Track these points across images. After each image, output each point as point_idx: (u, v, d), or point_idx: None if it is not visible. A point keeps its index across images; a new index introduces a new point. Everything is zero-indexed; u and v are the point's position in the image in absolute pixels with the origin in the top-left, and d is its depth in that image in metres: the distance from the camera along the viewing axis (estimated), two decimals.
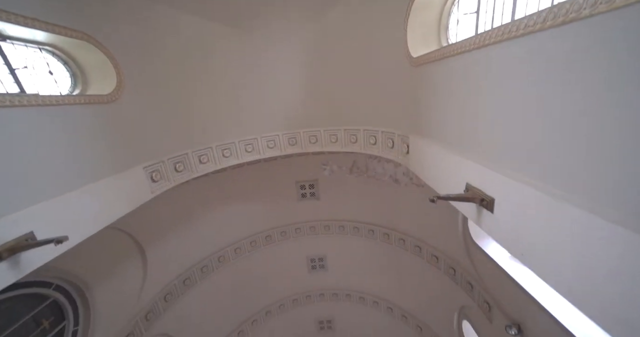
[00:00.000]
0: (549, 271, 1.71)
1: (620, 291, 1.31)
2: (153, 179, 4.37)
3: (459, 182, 2.69)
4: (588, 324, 3.55)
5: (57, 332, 4.42)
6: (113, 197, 3.45)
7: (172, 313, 6.76)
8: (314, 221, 9.25)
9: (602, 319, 1.40)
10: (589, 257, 1.43)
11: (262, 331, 9.58)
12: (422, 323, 8.42)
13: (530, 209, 1.80)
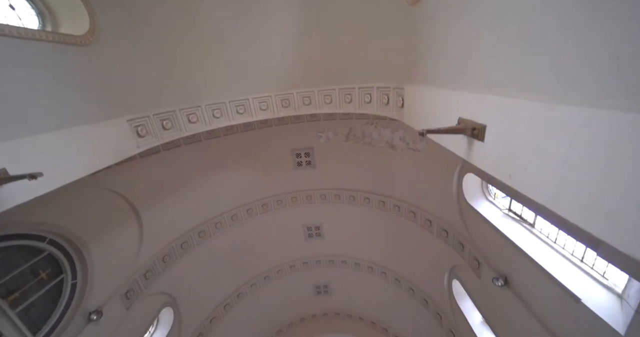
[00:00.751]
0: (534, 185, 1.65)
1: (606, 187, 1.24)
2: (139, 133, 4.25)
3: (452, 119, 2.58)
4: (569, 270, 3.63)
5: (56, 284, 4.54)
6: (95, 146, 3.35)
7: (171, 274, 6.97)
8: (310, 190, 9.28)
9: (585, 221, 1.35)
10: (575, 161, 1.36)
11: (261, 293, 9.99)
12: (414, 285, 8.75)
13: (520, 124, 1.71)
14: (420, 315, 8.74)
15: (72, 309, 4.61)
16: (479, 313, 6.37)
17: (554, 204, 1.49)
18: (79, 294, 4.74)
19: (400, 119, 4.62)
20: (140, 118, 4.31)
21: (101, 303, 5.00)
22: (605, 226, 1.26)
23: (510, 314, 4.65)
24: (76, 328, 4.55)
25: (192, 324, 7.71)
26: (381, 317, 10.77)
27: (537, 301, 4.03)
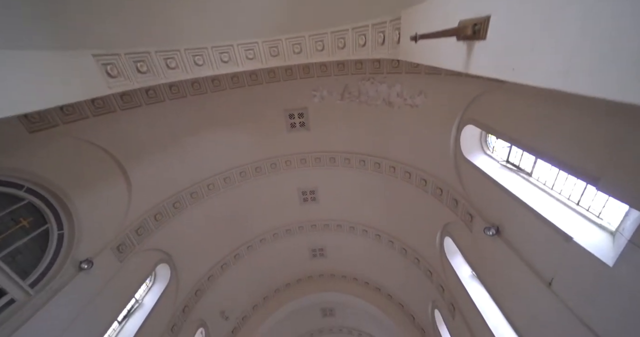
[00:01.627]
0: (541, 67, 1.38)
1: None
2: (109, 73, 3.88)
3: (452, 25, 2.23)
4: (563, 213, 3.53)
5: (42, 234, 4.48)
6: (56, 76, 3.03)
7: (165, 232, 6.99)
8: (304, 153, 9.04)
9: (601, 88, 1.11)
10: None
11: (257, 255, 10.24)
12: (407, 245, 8.91)
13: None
14: (412, 273, 9.02)
15: (62, 258, 4.60)
16: (468, 267, 6.51)
17: (566, 80, 1.24)
18: (67, 244, 4.71)
19: (396, 57, 4.22)
20: (109, 55, 3.90)
21: (92, 254, 5.01)
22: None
23: (500, 264, 4.68)
24: (67, 276, 4.59)
25: (190, 281, 7.94)
26: (374, 277, 11.18)
27: (528, 246, 4.00)
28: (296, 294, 11.62)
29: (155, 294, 6.76)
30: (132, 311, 6.30)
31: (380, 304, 10.85)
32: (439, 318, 8.33)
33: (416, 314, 9.90)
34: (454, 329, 7.25)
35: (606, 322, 2.84)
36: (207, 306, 8.81)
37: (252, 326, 10.53)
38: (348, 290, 11.52)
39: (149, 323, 6.24)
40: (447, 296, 7.35)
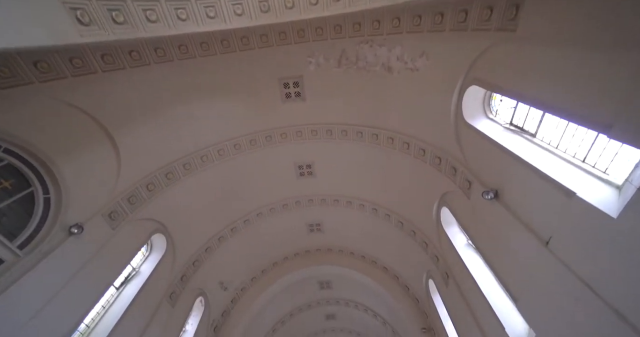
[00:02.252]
0: None
1: None
2: (80, 19, 3.53)
3: None
4: (566, 171, 3.37)
5: (27, 197, 4.35)
6: (17, 16, 2.72)
7: (159, 203, 6.90)
8: (300, 125, 8.75)
9: None
10: None
11: (254, 229, 10.28)
12: (404, 218, 8.90)
13: None
14: (407, 245, 9.10)
15: (50, 222, 4.52)
16: (464, 236, 6.49)
17: None
18: (55, 208, 4.60)
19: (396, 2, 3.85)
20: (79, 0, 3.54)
21: (82, 220, 4.92)
22: None
23: (497, 228, 4.60)
24: (57, 240, 4.52)
25: (187, 251, 8.00)
26: (370, 250, 11.33)
27: (526, 207, 3.88)
28: (294, 268, 11.85)
29: (152, 263, 6.80)
30: (130, 278, 6.36)
31: (376, 276, 11.09)
32: (433, 287, 8.51)
33: (411, 285, 10.13)
34: (447, 296, 7.40)
35: (606, 279, 2.77)
36: (206, 277, 8.97)
37: (251, 296, 10.83)
38: (345, 263, 11.74)
39: (146, 290, 6.32)
40: (441, 266, 7.43)
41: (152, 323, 6.36)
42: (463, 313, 6.21)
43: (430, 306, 8.88)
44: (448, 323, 7.65)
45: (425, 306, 9.30)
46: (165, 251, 7.18)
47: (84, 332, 5.24)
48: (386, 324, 12.97)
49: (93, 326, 5.35)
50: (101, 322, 5.43)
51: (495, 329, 4.98)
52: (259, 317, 12.30)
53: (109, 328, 5.30)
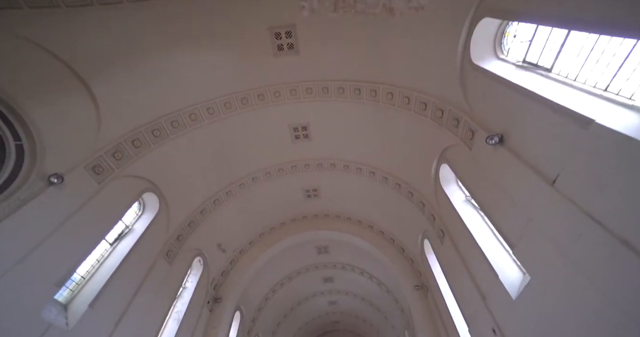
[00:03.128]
0: None
1: None
2: None
3: None
4: (585, 100, 3.04)
5: None
6: None
7: (147, 160, 6.63)
8: (294, 83, 8.18)
9: None
10: None
11: (250, 194, 10.16)
12: (401, 180, 8.74)
13: None
14: (404, 207, 9.05)
15: (26, 170, 4.27)
16: (462, 193, 6.34)
17: None
18: (29, 156, 4.34)
19: None
20: None
21: (62, 170, 4.67)
22: None
23: (499, 175, 4.37)
24: (37, 188, 4.31)
25: (181, 212, 7.91)
26: (367, 215, 11.37)
27: (534, 148, 3.61)
28: (291, 233, 11.97)
29: (145, 222, 6.72)
30: (123, 235, 6.30)
31: (373, 240, 11.25)
32: (428, 247, 8.61)
33: (406, 247, 10.30)
34: (442, 254, 7.48)
35: (617, 210, 2.57)
36: (203, 238, 9.02)
37: (249, 259, 11.06)
38: (342, 228, 11.85)
39: (141, 247, 6.30)
40: (437, 224, 7.40)
41: (149, 277, 6.43)
42: (457, 267, 6.27)
43: (424, 265, 9.07)
44: (441, 278, 7.83)
45: (420, 266, 9.52)
46: (159, 210, 7.07)
47: (80, 282, 5.26)
48: (381, 284, 13.50)
49: (89, 277, 5.36)
50: (97, 274, 5.45)
51: (488, 278, 5.01)
52: (259, 279, 12.72)
53: (104, 279, 5.31)
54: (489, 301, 5.10)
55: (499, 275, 4.68)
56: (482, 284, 5.34)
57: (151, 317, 6.50)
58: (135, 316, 5.90)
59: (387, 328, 15.72)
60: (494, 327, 4.88)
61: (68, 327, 4.54)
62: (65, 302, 4.90)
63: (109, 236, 5.87)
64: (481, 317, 5.33)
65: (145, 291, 6.29)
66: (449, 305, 7.33)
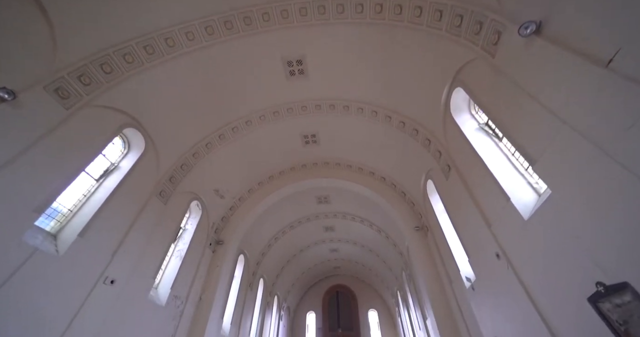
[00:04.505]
0: None
1: None
2: None
3: None
4: None
5: None
6: None
7: (122, 89, 5.90)
8: (286, 2, 6.95)
9: None
10: None
11: (245, 139, 9.61)
12: (406, 117, 8.05)
13: None
14: (408, 148, 8.54)
15: None
16: (476, 120, 5.70)
17: None
18: None
19: None
20: None
21: (14, 87, 4.02)
22: None
23: (530, 79, 3.66)
24: None
25: (170, 153, 7.46)
26: (368, 161, 10.96)
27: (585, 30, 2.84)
28: (290, 181, 11.74)
29: (131, 160, 6.31)
30: (109, 172, 5.94)
31: (374, 186, 11.02)
32: (431, 187, 8.32)
33: (407, 191, 10.09)
34: (445, 191, 7.18)
35: None
36: (198, 182, 8.77)
37: (249, 206, 11.02)
38: (342, 176, 11.55)
39: (130, 184, 6.00)
40: (443, 160, 6.94)
41: (144, 214, 6.26)
42: (462, 201, 5.98)
43: (426, 206, 8.92)
44: (442, 216, 7.71)
45: (421, 208, 9.40)
46: (145, 149, 6.59)
47: (67, 215, 5.04)
48: (380, 231, 13.80)
49: (76, 210, 5.14)
50: (85, 207, 5.23)
51: (497, 204, 4.69)
52: (260, 226, 12.96)
53: (92, 212, 5.10)
54: (495, 227, 4.86)
55: (511, 198, 4.33)
56: (489, 212, 5.06)
57: (151, 252, 6.52)
58: (133, 250, 5.86)
59: (385, 271, 16.66)
60: (498, 252, 4.72)
61: (58, 254, 4.42)
62: (54, 232, 4.73)
63: (91, 169, 5.50)
64: (484, 245, 5.18)
65: (141, 227, 6.17)
66: (449, 241, 7.30)
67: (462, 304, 6.73)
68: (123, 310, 5.48)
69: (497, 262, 4.76)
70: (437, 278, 8.09)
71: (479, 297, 5.78)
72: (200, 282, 8.37)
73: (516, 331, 4.52)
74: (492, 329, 5.32)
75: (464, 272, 6.53)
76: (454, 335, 6.90)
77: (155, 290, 6.96)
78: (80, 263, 4.69)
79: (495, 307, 5.17)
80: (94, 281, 4.90)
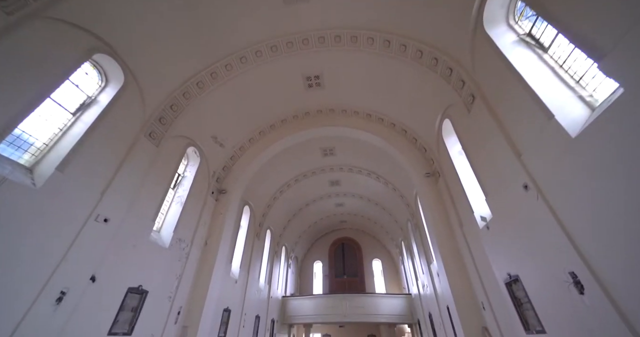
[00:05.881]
0: None
1: None
2: None
3: None
4: None
5: None
6: None
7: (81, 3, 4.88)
8: None
9: None
10: None
11: (240, 81, 8.62)
12: (425, 43, 6.85)
13: None
14: (425, 83, 7.52)
15: None
16: (513, 34, 4.62)
17: None
18: None
19: None
20: None
21: None
22: None
23: None
24: None
25: (157, 91, 6.67)
26: (377, 106, 10.00)
27: None
28: (293, 130, 10.99)
29: (109, 94, 5.57)
30: (86, 105, 5.28)
31: (383, 133, 10.23)
32: (447, 128, 7.52)
33: (419, 136, 9.32)
34: (465, 128, 6.40)
35: None
36: (193, 127, 8.13)
37: (251, 155, 10.53)
38: (348, 124, 10.70)
39: (112, 120, 5.39)
40: (466, 91, 6.00)
41: (133, 154, 5.80)
42: (487, 134, 5.23)
43: (439, 150, 8.24)
44: (458, 159, 7.07)
45: (433, 153, 8.73)
46: (125, 82, 5.81)
47: (43, 149, 4.56)
48: (387, 183, 13.43)
49: (52, 144, 4.64)
50: (61, 142, 4.72)
51: (535, 125, 3.94)
52: (265, 179, 12.69)
53: (70, 146, 4.59)
54: (527, 155, 4.20)
55: (555, 115, 3.56)
56: (520, 139, 4.35)
57: (147, 195, 6.23)
58: (125, 190, 5.52)
59: (391, 223, 16.83)
60: (527, 183, 4.14)
61: (36, 187, 4.04)
62: (30, 166, 4.30)
63: (62, 99, 4.84)
64: (509, 178, 4.60)
65: (132, 167, 5.75)
66: (463, 183, 6.77)
67: (473, 245, 6.50)
68: (122, 249, 5.37)
69: (524, 195, 4.22)
70: (446, 223, 7.82)
71: (494, 235, 5.44)
72: (204, 229, 8.33)
73: (537, 266, 4.19)
74: (506, 266, 5.06)
75: (478, 213, 6.13)
76: (461, 275, 6.83)
77: (158, 233, 6.88)
78: (63, 198, 4.34)
79: (512, 244, 4.82)
80: (84, 218, 4.64)
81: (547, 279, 3.99)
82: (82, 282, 4.43)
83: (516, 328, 4.82)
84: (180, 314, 6.70)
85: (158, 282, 6.16)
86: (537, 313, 4.25)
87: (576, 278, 3.29)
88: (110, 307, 5.01)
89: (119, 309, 5.09)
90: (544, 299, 4.09)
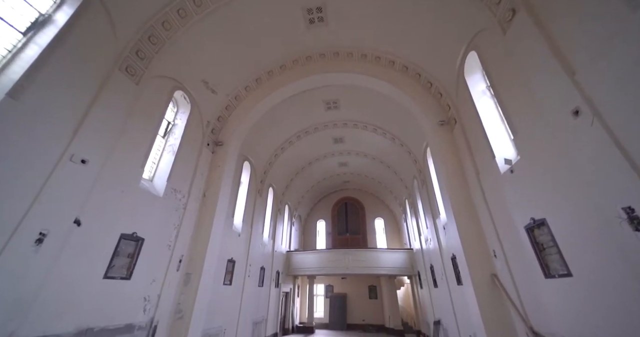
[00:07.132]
0: None
1: None
2: None
3: None
4: None
5: None
6: None
7: None
8: None
9: None
10: None
11: (230, 10, 7.31)
12: None
13: None
14: (448, 9, 6.25)
15: None
16: None
17: None
18: None
19: None
20: None
21: None
22: None
23: None
24: None
25: (127, 15, 5.54)
26: (388, 47, 8.74)
27: None
28: (293, 78, 9.88)
29: (67, 13, 4.55)
30: (38, 23, 4.34)
31: (394, 79, 9.13)
32: (472, 63, 6.49)
33: (436, 79, 8.26)
34: (498, 56, 5.38)
35: None
36: (179, 66, 7.15)
37: (248, 105, 9.65)
38: (355, 69, 9.53)
39: (73, 45, 4.49)
40: (503, 6, 4.85)
41: (107, 89, 4.99)
42: (531, 54, 4.29)
43: (458, 92, 7.30)
44: (482, 98, 6.19)
45: (451, 98, 7.79)
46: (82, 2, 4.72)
47: None
48: (395, 138, 12.68)
49: (1, 68, 3.85)
50: (12, 65, 3.90)
51: (603, 33, 3.03)
52: (265, 134, 11.98)
53: (22, 69, 3.81)
54: (584, 71, 3.37)
55: None
56: (577, 53, 3.46)
57: (131, 139, 5.59)
58: (102, 130, 4.86)
59: (395, 182, 16.49)
60: (579, 108, 3.38)
61: None
62: None
63: (8, 16, 3.91)
64: (553, 106, 3.82)
65: (108, 105, 5.01)
66: (485, 126, 6.00)
67: (489, 193, 6.01)
68: (109, 195, 4.94)
69: (571, 123, 3.50)
70: (459, 173, 7.25)
71: (519, 179, 4.88)
72: (201, 181, 7.89)
73: (573, 206, 3.67)
74: (530, 211, 4.59)
75: (500, 157, 5.49)
76: (472, 225, 6.48)
77: (151, 182, 6.44)
78: (20, 130, 3.72)
79: (542, 186, 4.26)
80: (55, 156, 4.08)
81: (584, 219, 3.50)
82: (64, 225, 4.06)
83: (534, 274, 4.53)
84: (182, 262, 6.60)
85: (154, 230, 5.89)
86: (564, 257, 3.86)
87: (633, 213, 2.75)
88: (102, 252, 4.75)
89: (113, 254, 4.85)
90: (576, 242, 3.65)
